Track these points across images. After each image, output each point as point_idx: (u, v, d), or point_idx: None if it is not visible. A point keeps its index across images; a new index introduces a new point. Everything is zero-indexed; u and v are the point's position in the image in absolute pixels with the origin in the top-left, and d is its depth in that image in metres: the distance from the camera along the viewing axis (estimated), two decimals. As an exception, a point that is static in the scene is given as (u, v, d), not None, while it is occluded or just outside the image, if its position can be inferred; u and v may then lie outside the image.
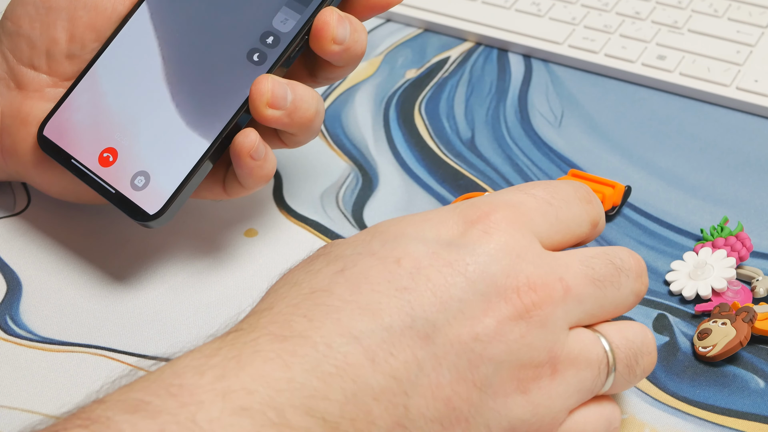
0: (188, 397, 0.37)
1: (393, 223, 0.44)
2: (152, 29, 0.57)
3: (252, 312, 0.43)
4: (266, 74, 0.55)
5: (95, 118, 0.57)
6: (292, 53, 0.56)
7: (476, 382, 0.41)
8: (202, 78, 0.56)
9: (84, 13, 0.57)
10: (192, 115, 0.56)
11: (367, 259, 0.42)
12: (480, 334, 0.42)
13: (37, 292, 0.57)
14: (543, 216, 0.45)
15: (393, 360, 0.40)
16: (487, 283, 0.42)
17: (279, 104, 0.54)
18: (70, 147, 0.57)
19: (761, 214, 0.62)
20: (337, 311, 0.41)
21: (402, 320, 0.41)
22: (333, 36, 0.54)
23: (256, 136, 0.54)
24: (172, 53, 0.57)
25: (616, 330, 0.46)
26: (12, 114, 0.57)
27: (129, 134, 0.56)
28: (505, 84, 0.73)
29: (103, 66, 0.57)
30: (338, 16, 0.54)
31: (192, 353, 0.40)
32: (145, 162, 0.56)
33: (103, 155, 0.56)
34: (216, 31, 0.57)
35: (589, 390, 0.45)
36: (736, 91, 0.70)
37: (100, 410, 0.37)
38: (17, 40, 0.57)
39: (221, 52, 0.57)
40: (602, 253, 0.46)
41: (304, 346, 0.39)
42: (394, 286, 0.41)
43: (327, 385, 0.39)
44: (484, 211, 0.44)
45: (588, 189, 0.48)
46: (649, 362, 0.47)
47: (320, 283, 0.42)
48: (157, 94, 0.57)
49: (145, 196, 0.55)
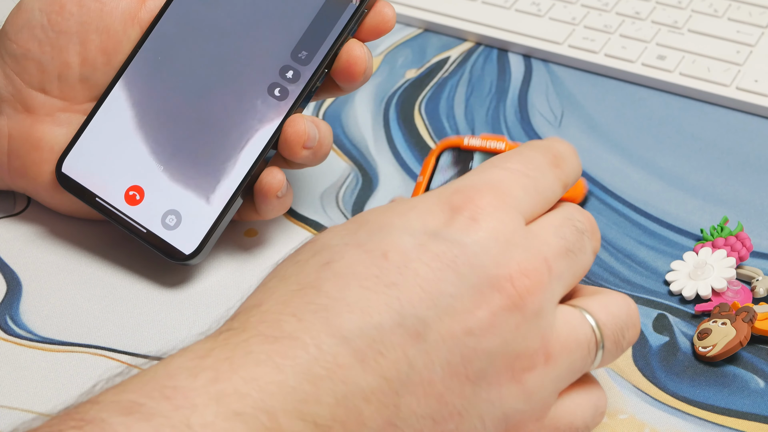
0: (182, 400, 0.37)
1: (379, 212, 0.44)
2: (168, 58, 0.57)
3: (242, 309, 0.42)
4: (300, 114, 0.56)
5: (116, 153, 0.56)
6: (313, 87, 0.56)
7: (469, 376, 0.41)
8: (224, 113, 0.56)
9: (96, 37, 0.57)
10: (219, 151, 0.56)
11: (354, 252, 0.42)
12: (473, 327, 0.41)
13: (37, 292, 0.57)
14: (524, 190, 0.44)
15: (383, 360, 0.40)
16: (478, 275, 0.41)
17: (311, 144, 0.56)
18: (94, 185, 0.56)
19: (761, 214, 0.62)
20: (326, 310, 0.40)
21: (391, 318, 0.40)
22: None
23: (283, 177, 0.56)
24: (190, 85, 0.57)
25: (601, 306, 0.45)
26: (21, 137, 0.57)
27: (154, 171, 0.56)
28: (505, 84, 0.73)
29: (119, 96, 0.57)
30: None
31: (185, 352, 0.40)
32: (174, 200, 0.56)
33: (129, 193, 0.56)
34: (235, 64, 0.57)
35: (579, 370, 0.44)
36: (736, 91, 0.70)
37: (95, 411, 0.37)
38: (25, 64, 0.57)
39: (241, 86, 0.56)
40: (565, 219, 0.45)
41: (295, 347, 0.39)
42: (383, 281, 0.41)
43: (318, 389, 0.39)
44: (469, 195, 0.43)
45: (555, 150, 0.47)
46: (634, 334, 0.46)
47: (307, 277, 0.42)
48: (179, 128, 0.56)
49: (179, 236, 0.55)
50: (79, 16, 0.56)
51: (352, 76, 0.57)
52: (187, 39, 0.57)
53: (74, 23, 0.56)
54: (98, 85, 0.57)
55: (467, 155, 0.51)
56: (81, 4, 0.56)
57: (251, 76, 0.56)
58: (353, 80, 0.57)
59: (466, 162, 0.51)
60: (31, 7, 0.56)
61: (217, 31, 0.57)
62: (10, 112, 0.57)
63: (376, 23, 0.57)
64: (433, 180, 0.51)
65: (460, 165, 0.51)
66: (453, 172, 0.51)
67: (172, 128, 0.56)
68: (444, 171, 0.51)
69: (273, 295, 0.42)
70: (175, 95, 0.57)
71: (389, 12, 0.57)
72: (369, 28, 0.57)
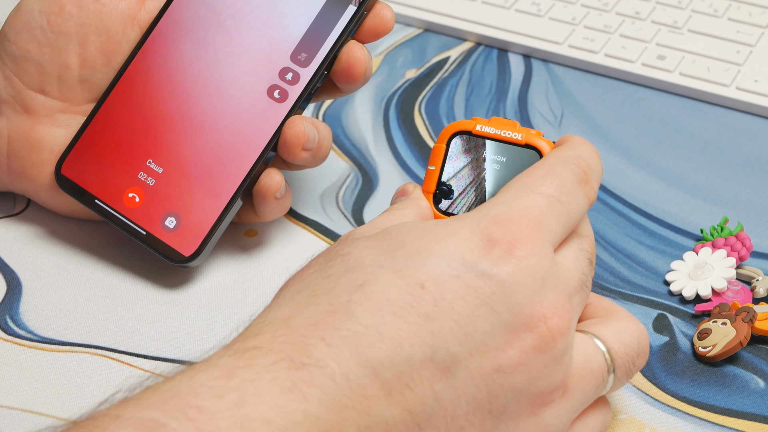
0: (206, 423, 0.37)
1: (417, 234, 0.43)
2: (167, 60, 0.57)
3: (268, 320, 0.41)
4: (300, 116, 0.56)
5: (116, 155, 0.56)
6: (312, 89, 0.56)
7: (492, 411, 0.41)
8: (224, 114, 0.56)
9: (95, 38, 0.57)
10: (218, 153, 0.56)
11: (390, 277, 0.41)
12: (503, 365, 0.41)
13: (37, 292, 0.57)
14: (557, 219, 0.45)
15: (409, 393, 0.40)
16: (512, 313, 0.41)
17: (310, 146, 0.56)
18: (92, 187, 0.56)
19: (761, 214, 0.62)
20: (356, 337, 0.40)
21: (422, 352, 0.40)
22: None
23: (281, 178, 0.56)
24: (189, 86, 0.57)
25: (615, 334, 0.46)
26: (21, 138, 0.57)
27: (153, 173, 0.56)
28: (505, 84, 0.73)
29: (119, 98, 0.57)
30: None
31: (209, 368, 0.39)
32: (174, 202, 0.56)
33: (128, 195, 0.56)
34: (234, 65, 0.57)
35: (592, 398, 0.45)
36: (736, 91, 0.70)
37: (114, 426, 0.36)
38: (24, 65, 0.57)
39: (240, 88, 0.56)
40: (579, 250, 0.46)
41: (322, 375, 0.39)
42: (417, 312, 0.40)
43: (342, 419, 0.38)
44: (506, 228, 0.43)
45: (584, 162, 0.47)
46: (643, 362, 0.47)
47: (339, 298, 0.41)
48: (178, 130, 0.56)
49: (179, 238, 0.55)
50: (79, 17, 0.56)
51: (352, 78, 0.57)
52: (187, 40, 0.57)
53: (74, 24, 0.56)
54: (98, 86, 0.57)
55: (479, 143, 0.51)
56: (80, 5, 0.56)
57: (251, 77, 0.56)
58: (353, 81, 0.57)
59: (478, 150, 0.51)
60: (31, 8, 0.56)
61: (216, 32, 0.57)
62: (9, 113, 0.57)
63: (375, 25, 0.57)
64: (444, 169, 0.51)
65: (472, 153, 0.51)
66: (466, 161, 0.51)
67: (171, 130, 0.56)
68: (455, 159, 0.51)
69: (302, 312, 0.41)
70: (174, 97, 0.57)
71: (388, 14, 0.57)
72: (368, 30, 0.57)
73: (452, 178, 0.51)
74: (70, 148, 0.57)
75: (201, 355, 0.40)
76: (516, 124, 0.51)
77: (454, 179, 0.51)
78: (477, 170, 0.51)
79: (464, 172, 0.51)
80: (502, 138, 0.51)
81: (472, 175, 0.51)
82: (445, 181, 0.51)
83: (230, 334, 0.42)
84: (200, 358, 0.40)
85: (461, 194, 0.51)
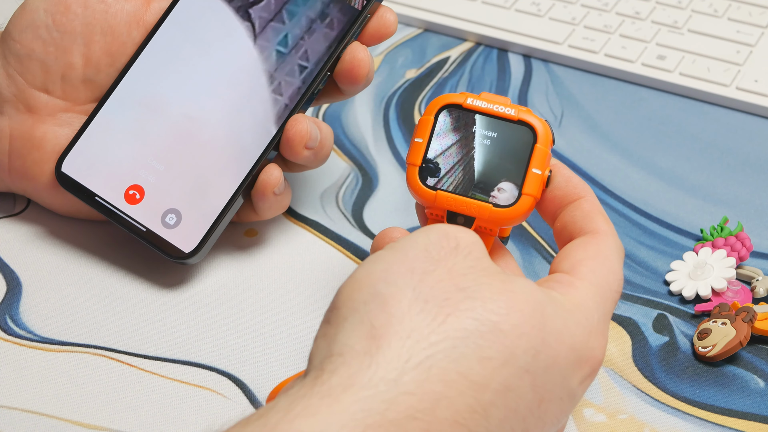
0: None
1: (556, 338, 0.42)
2: (171, 59, 0.57)
3: (409, 408, 0.39)
4: (302, 114, 0.56)
5: (117, 153, 0.56)
6: (315, 90, 0.56)
7: None
8: (226, 113, 0.56)
9: (100, 38, 0.57)
10: (220, 151, 0.56)
11: (527, 389, 0.41)
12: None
13: (37, 292, 0.57)
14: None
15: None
16: None
17: (312, 144, 0.56)
18: (93, 184, 0.56)
19: (761, 214, 0.62)
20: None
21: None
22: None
23: (280, 173, 0.56)
24: (191, 85, 0.57)
25: None
26: (23, 137, 0.57)
27: (154, 170, 0.56)
28: (505, 84, 0.73)
29: (121, 97, 0.57)
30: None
31: None
32: (175, 199, 0.56)
33: (129, 192, 0.56)
34: (237, 65, 0.57)
35: None
36: (736, 91, 0.70)
37: None
38: (28, 64, 0.57)
39: (243, 87, 0.56)
40: None
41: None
42: (521, 428, 0.41)
43: None
44: (595, 355, 0.44)
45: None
46: None
47: (484, 395, 0.40)
48: (181, 128, 0.56)
49: (179, 235, 0.55)
50: (84, 17, 0.56)
51: (355, 79, 0.57)
52: (190, 40, 0.57)
53: (79, 24, 0.56)
54: (101, 86, 0.57)
55: (469, 118, 0.49)
56: (86, 5, 0.56)
57: (253, 76, 0.56)
58: (356, 82, 0.57)
59: (468, 127, 0.49)
60: (36, 7, 0.56)
61: (219, 32, 0.57)
62: (11, 112, 0.57)
63: (378, 28, 0.58)
64: (431, 144, 0.49)
65: (461, 131, 0.49)
66: (454, 139, 0.49)
67: (173, 128, 0.56)
68: (443, 136, 0.49)
69: (445, 411, 0.40)
70: (176, 95, 0.57)
71: (391, 17, 0.58)
72: (371, 33, 0.58)
73: (440, 155, 0.50)
74: (71, 146, 0.57)
75: None
76: (508, 99, 0.50)
77: (442, 156, 0.50)
78: (466, 146, 0.50)
79: (453, 147, 0.50)
80: (494, 113, 0.49)
81: (461, 151, 0.50)
82: (432, 158, 0.50)
83: None
84: None
85: (449, 171, 0.50)
